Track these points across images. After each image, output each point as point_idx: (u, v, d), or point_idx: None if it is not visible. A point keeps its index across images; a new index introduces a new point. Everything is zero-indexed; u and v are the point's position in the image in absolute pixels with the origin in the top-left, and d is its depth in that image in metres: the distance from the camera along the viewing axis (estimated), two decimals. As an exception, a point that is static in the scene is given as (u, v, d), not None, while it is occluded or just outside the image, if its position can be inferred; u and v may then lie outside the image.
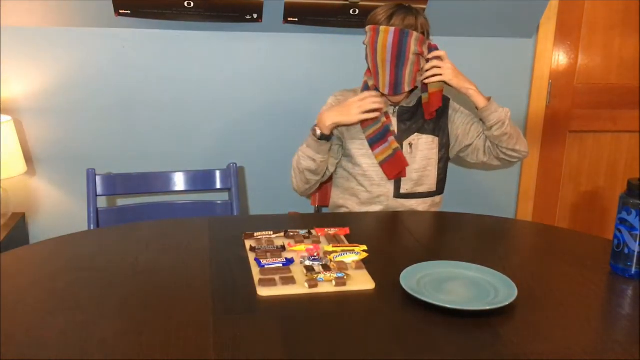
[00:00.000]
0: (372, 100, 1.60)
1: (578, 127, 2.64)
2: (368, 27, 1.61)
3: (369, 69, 1.66)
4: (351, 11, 2.16)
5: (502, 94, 2.53)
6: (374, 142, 1.68)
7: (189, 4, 2.03)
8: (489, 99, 1.66)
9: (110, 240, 1.39)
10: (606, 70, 2.60)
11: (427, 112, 1.70)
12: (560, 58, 2.55)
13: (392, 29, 1.56)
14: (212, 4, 2.05)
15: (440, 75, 1.63)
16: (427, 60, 1.64)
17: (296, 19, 2.17)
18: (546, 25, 2.48)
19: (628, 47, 2.58)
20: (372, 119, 1.65)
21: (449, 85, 1.65)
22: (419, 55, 1.60)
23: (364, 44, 1.64)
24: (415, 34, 1.57)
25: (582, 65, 2.58)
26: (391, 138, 1.68)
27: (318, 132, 1.63)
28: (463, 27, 2.35)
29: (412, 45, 1.57)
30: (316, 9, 2.14)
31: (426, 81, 1.65)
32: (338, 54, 2.31)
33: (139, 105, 2.24)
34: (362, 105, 1.60)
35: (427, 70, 1.64)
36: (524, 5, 2.30)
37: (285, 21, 2.18)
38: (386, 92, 1.63)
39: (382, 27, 1.57)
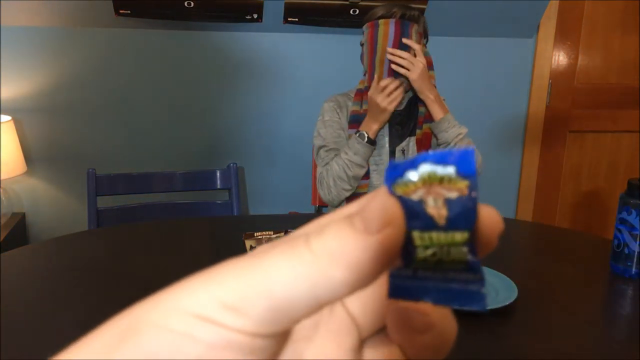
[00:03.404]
0: (390, 88, 1.53)
1: (578, 127, 2.64)
2: (366, 25, 1.56)
3: (364, 75, 1.62)
4: (351, 11, 2.16)
5: (502, 94, 2.53)
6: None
7: (189, 4, 2.03)
8: (445, 114, 1.57)
9: (110, 241, 1.38)
10: (606, 70, 2.60)
11: (419, 149, 1.64)
12: (560, 58, 2.55)
13: (393, 20, 1.52)
14: (212, 4, 2.05)
15: (408, 70, 1.52)
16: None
17: (296, 19, 2.17)
18: (546, 25, 2.48)
19: (628, 47, 2.58)
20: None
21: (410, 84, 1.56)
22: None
23: (361, 44, 1.62)
24: (416, 26, 1.54)
25: (582, 65, 2.58)
26: (368, 181, 1.65)
27: (365, 136, 1.57)
28: (463, 27, 2.35)
29: (414, 36, 1.54)
30: (316, 9, 2.13)
31: (394, 67, 1.53)
32: (338, 54, 2.31)
33: (139, 105, 2.24)
34: (386, 93, 1.52)
35: (398, 61, 1.52)
36: (524, 5, 2.30)
37: (286, 21, 2.18)
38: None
39: (381, 20, 1.53)
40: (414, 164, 0.20)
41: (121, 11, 2.03)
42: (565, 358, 0.89)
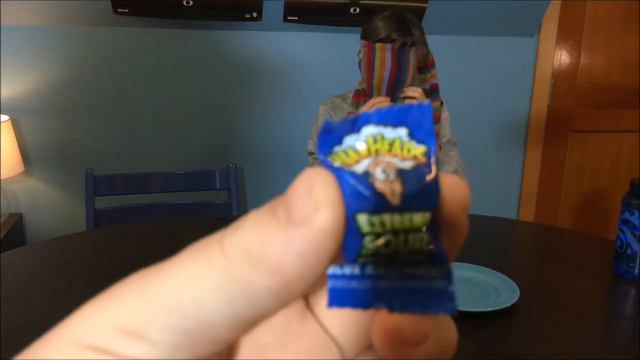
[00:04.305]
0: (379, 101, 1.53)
1: (580, 127, 2.63)
2: (363, 43, 1.54)
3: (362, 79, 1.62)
4: (351, 10, 2.15)
5: (503, 94, 2.52)
6: None
7: (187, 2, 2.02)
8: None
9: (108, 241, 1.38)
10: (608, 70, 2.59)
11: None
12: (562, 57, 2.54)
13: (390, 47, 1.50)
14: (211, 3, 2.04)
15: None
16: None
17: (296, 18, 2.16)
18: (548, 25, 2.46)
19: (630, 47, 2.57)
20: None
21: None
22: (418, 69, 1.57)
23: (358, 56, 1.60)
24: (413, 48, 1.52)
25: (584, 65, 2.57)
26: None
27: None
28: (464, 26, 2.34)
29: (412, 60, 1.52)
30: (316, 8, 2.13)
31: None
32: (338, 52, 2.30)
33: (137, 104, 2.23)
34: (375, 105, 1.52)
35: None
36: (526, 4, 2.29)
37: (285, 20, 2.17)
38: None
39: (378, 45, 1.49)
40: (355, 126, 0.16)
41: (120, 10, 2.02)
42: (567, 359, 0.88)
